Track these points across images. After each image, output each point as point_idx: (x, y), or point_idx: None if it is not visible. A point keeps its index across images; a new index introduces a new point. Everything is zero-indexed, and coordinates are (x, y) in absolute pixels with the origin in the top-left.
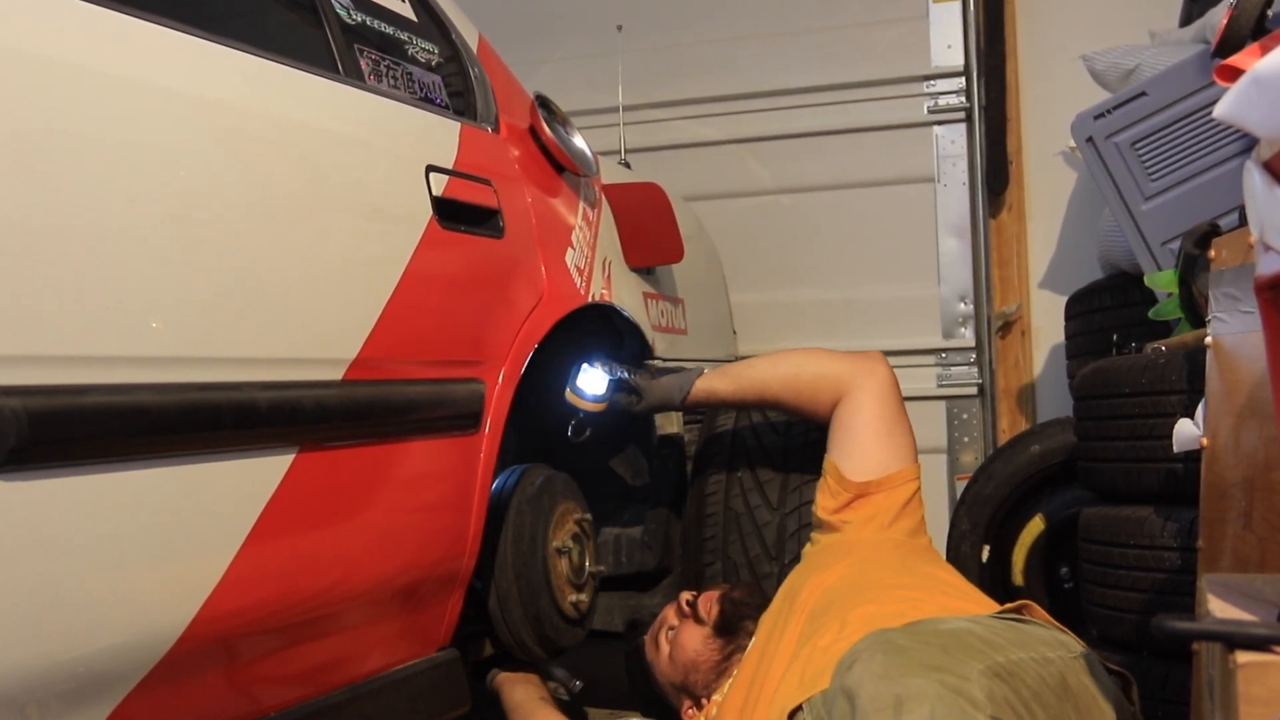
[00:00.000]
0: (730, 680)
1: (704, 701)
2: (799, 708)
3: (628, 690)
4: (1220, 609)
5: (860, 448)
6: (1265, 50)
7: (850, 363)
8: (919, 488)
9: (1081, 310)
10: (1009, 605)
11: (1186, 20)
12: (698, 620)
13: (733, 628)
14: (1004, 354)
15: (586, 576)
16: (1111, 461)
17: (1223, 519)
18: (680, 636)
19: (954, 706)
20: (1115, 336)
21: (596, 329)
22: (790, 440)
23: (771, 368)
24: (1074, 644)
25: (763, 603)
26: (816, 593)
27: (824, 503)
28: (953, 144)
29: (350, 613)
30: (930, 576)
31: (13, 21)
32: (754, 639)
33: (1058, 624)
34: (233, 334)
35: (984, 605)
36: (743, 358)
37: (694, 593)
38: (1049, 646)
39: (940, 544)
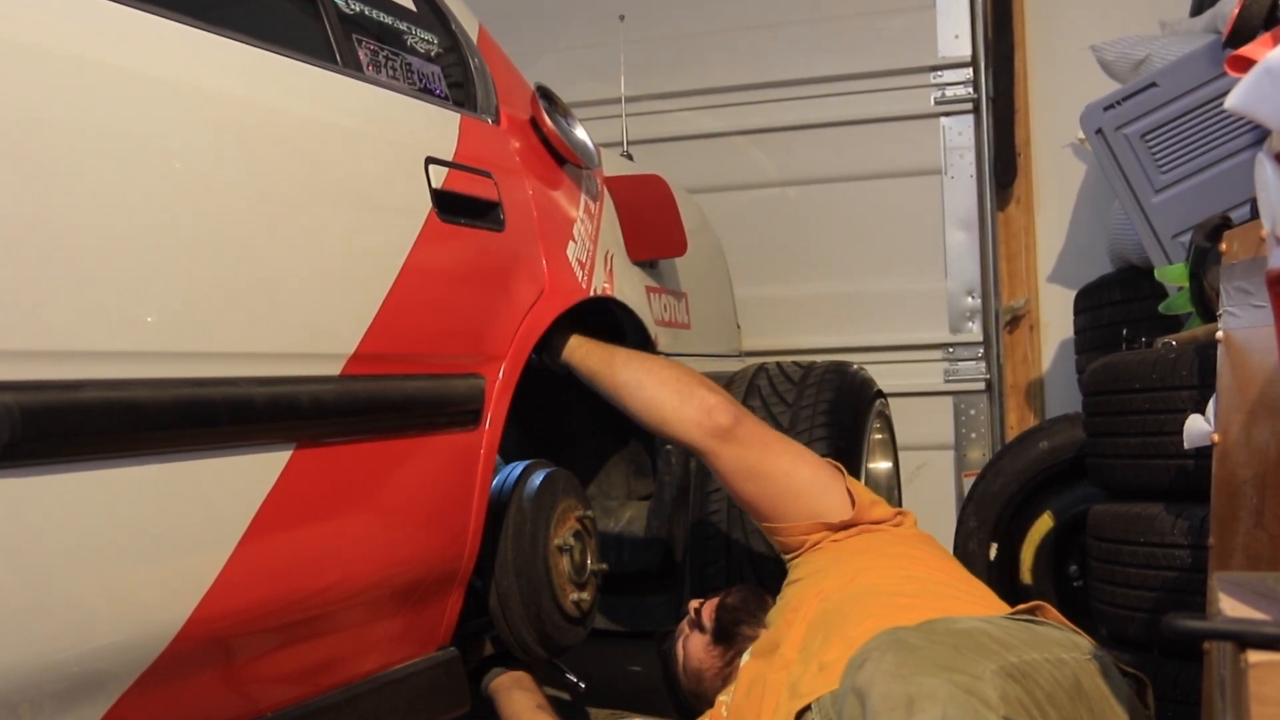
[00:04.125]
0: (735, 683)
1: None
2: (807, 708)
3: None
4: (1231, 607)
5: (774, 515)
6: (1277, 41)
7: (698, 433)
8: (851, 496)
9: (1091, 304)
10: (1022, 606)
11: (1197, 10)
12: (701, 629)
13: (729, 634)
14: (1012, 349)
15: (588, 575)
16: (1121, 458)
17: (1234, 516)
18: (688, 645)
19: (966, 706)
20: (1125, 331)
21: (598, 323)
22: (794, 438)
23: (636, 392)
24: (1088, 645)
25: (759, 606)
26: (815, 601)
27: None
28: (960, 136)
29: (348, 611)
30: (932, 578)
31: (4, 12)
32: (756, 643)
33: (1072, 625)
34: (229, 328)
35: (989, 602)
36: (747, 354)
37: (701, 600)
38: (1063, 648)
39: (947, 541)
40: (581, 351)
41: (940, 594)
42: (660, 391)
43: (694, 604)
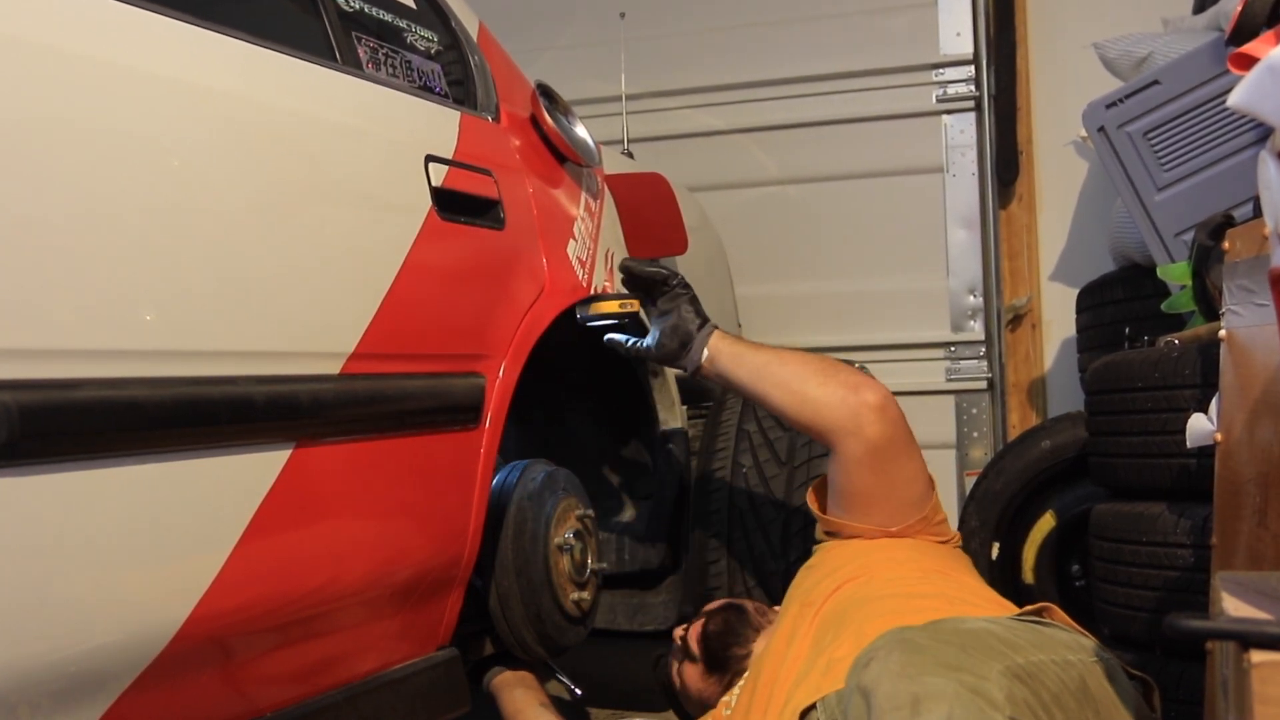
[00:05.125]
0: (741, 682)
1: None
2: (812, 706)
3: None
4: (1234, 607)
5: (855, 514)
6: None
7: (843, 411)
8: (929, 512)
9: (1093, 303)
10: (1029, 607)
11: (1200, 7)
12: (692, 659)
13: (721, 660)
14: (1014, 347)
15: (589, 574)
16: (1124, 457)
17: (1237, 516)
18: (683, 675)
19: (972, 707)
20: (1128, 330)
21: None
22: (796, 437)
23: (775, 389)
24: (1095, 647)
25: (743, 624)
26: (830, 599)
27: (821, 530)
28: (962, 133)
29: (347, 611)
30: (948, 580)
31: (1, 9)
32: (764, 642)
33: (1078, 627)
34: (228, 327)
35: (1006, 611)
36: None
37: (685, 627)
38: (1070, 649)
39: None
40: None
41: (954, 597)
42: (802, 368)
43: (678, 633)
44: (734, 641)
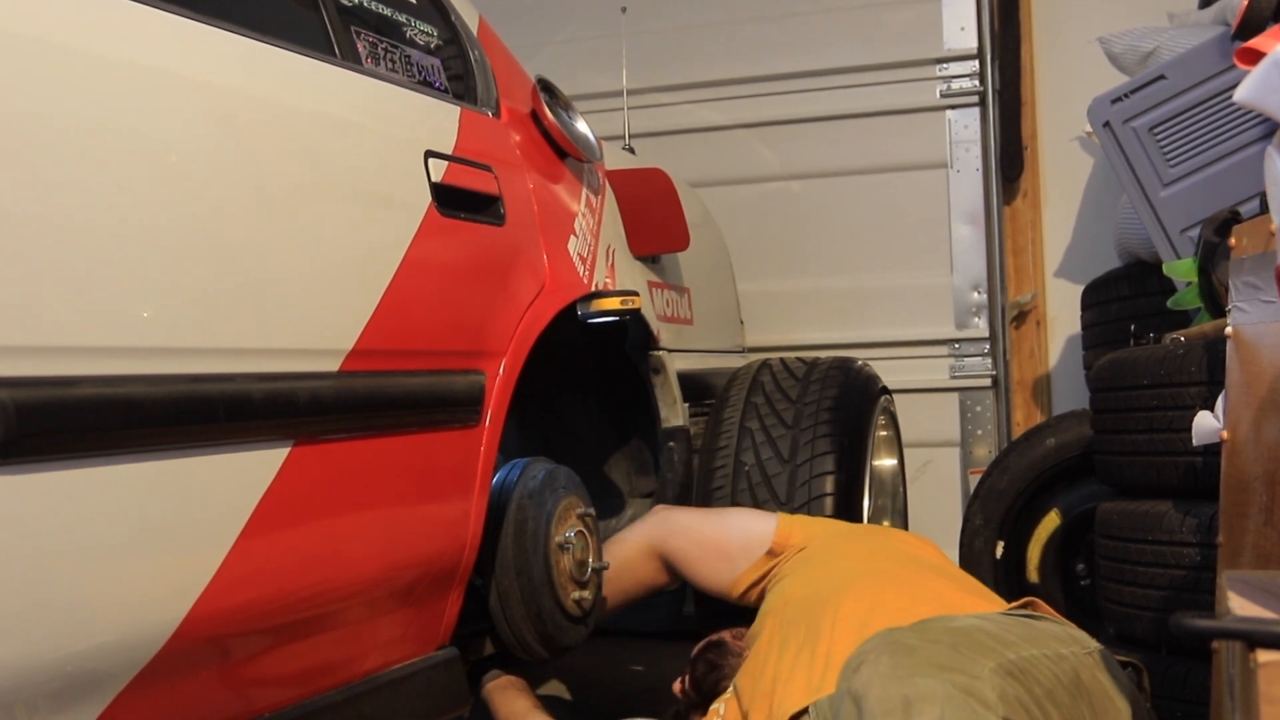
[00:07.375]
0: (725, 695)
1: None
2: (804, 711)
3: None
4: (1241, 606)
5: (720, 559)
6: None
7: (645, 533)
8: (789, 529)
9: (1098, 300)
10: (1016, 602)
11: (1206, 2)
12: (693, 706)
13: (712, 697)
14: (1019, 344)
15: (590, 573)
16: (1129, 455)
17: (1244, 514)
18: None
19: (964, 707)
20: (1133, 327)
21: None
22: (799, 435)
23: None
24: (1086, 640)
25: (724, 654)
26: (786, 603)
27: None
28: (966, 129)
29: (347, 611)
30: (894, 551)
31: None
32: (742, 666)
33: (1065, 619)
34: (226, 324)
35: (955, 572)
36: (750, 349)
37: (680, 680)
38: (1061, 643)
39: (953, 539)
40: None
41: (907, 567)
42: (626, 567)
43: (676, 688)
44: (720, 676)
